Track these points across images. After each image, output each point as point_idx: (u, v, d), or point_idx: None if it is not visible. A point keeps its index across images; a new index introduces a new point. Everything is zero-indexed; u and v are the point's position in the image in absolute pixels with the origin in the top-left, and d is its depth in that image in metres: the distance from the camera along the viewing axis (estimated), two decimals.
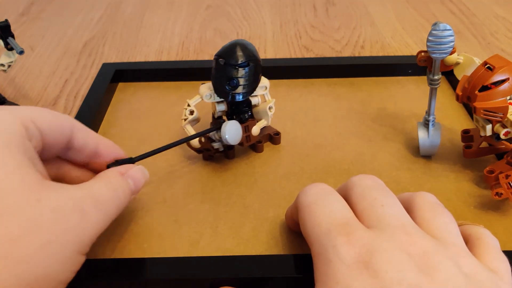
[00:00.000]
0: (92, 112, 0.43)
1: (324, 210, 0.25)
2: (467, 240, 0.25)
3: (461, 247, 0.23)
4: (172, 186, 0.37)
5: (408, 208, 0.26)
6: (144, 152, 0.32)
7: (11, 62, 0.46)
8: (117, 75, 0.50)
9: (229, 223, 0.33)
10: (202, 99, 0.36)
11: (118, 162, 0.30)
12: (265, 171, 0.38)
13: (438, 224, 0.24)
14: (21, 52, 0.43)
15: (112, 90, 0.49)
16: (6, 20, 0.44)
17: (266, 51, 0.60)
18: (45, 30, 0.68)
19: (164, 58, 0.59)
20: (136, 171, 0.30)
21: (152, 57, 0.59)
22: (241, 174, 0.38)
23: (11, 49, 0.44)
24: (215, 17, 0.70)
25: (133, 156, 0.32)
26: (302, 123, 0.43)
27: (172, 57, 0.59)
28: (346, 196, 0.27)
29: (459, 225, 0.26)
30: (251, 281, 0.27)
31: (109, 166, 0.30)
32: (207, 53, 0.60)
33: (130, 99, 0.48)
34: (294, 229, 0.31)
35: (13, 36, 0.44)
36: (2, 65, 0.45)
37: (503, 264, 0.24)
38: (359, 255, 0.22)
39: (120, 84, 0.51)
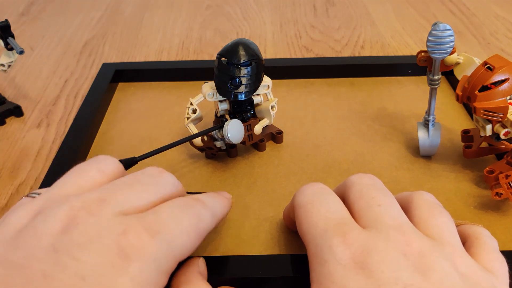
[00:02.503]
0: (92, 112, 0.43)
1: (320, 210, 0.25)
2: (465, 240, 0.25)
3: (457, 247, 0.23)
4: None
5: (406, 207, 0.26)
6: (144, 152, 0.32)
7: (11, 62, 0.46)
8: (117, 75, 0.50)
9: (229, 223, 0.33)
10: (205, 98, 0.37)
11: (121, 162, 0.30)
12: (265, 171, 0.38)
13: (435, 223, 0.24)
14: (21, 52, 0.43)
15: (112, 90, 0.49)
16: (6, 20, 0.44)
17: (266, 51, 0.60)
18: (45, 30, 0.68)
19: (164, 58, 0.59)
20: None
21: (152, 57, 0.59)
22: (241, 174, 0.38)
23: (11, 49, 0.44)
24: (215, 17, 0.70)
25: (136, 156, 0.32)
26: (302, 123, 0.43)
27: (172, 57, 0.59)
28: (344, 194, 0.27)
29: (458, 225, 0.26)
30: (250, 281, 0.27)
31: None
32: (207, 53, 0.60)
33: (130, 99, 0.48)
34: (292, 228, 0.31)
35: (13, 36, 0.44)
36: (2, 65, 0.45)
37: (501, 264, 0.24)
38: (354, 255, 0.22)
39: (120, 84, 0.51)
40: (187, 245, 0.22)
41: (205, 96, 0.36)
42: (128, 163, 0.31)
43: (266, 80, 0.37)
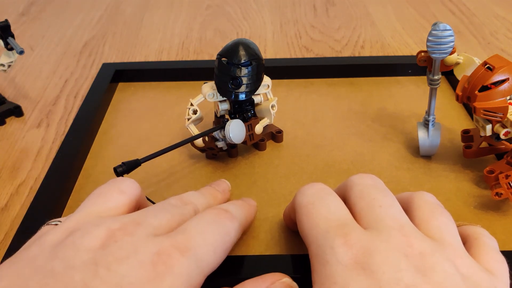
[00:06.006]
0: (92, 112, 0.43)
1: (321, 210, 0.25)
2: (465, 241, 0.25)
3: (458, 248, 0.23)
4: (173, 187, 0.37)
5: (407, 207, 0.26)
6: (144, 152, 0.32)
7: (11, 62, 0.46)
8: (117, 75, 0.50)
9: None
10: (205, 98, 0.37)
11: (124, 164, 0.30)
12: (265, 171, 0.38)
13: (436, 224, 0.24)
14: (21, 52, 0.43)
15: (112, 90, 0.49)
16: (6, 20, 0.44)
17: (266, 51, 0.60)
18: (45, 30, 0.68)
19: (164, 58, 0.59)
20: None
21: (152, 57, 0.59)
22: (241, 174, 0.38)
23: (11, 49, 0.44)
24: (215, 17, 0.70)
25: (138, 157, 0.32)
26: (302, 123, 0.43)
27: (172, 57, 0.59)
28: (345, 195, 0.27)
29: (458, 226, 0.26)
30: None
31: (115, 168, 0.30)
32: (207, 53, 0.60)
33: (130, 99, 0.48)
34: (292, 228, 0.31)
35: (13, 36, 0.44)
36: (2, 65, 0.45)
37: (501, 264, 0.24)
38: (356, 256, 0.22)
39: (120, 84, 0.51)
40: (213, 261, 0.23)
41: (205, 96, 0.36)
42: (132, 165, 0.31)
43: (266, 79, 0.37)
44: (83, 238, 0.21)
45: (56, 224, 0.25)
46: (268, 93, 0.38)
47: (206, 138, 0.36)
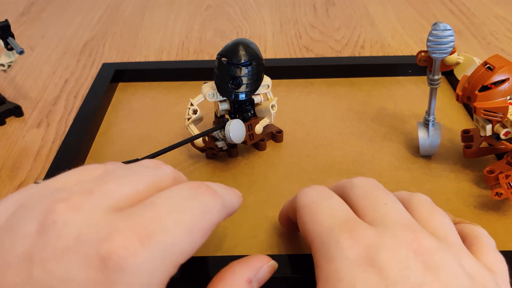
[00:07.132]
0: (92, 112, 0.43)
1: (325, 208, 0.25)
2: (464, 239, 0.25)
3: (461, 247, 0.23)
4: None
5: (406, 207, 0.26)
6: (144, 152, 0.32)
7: (11, 62, 0.46)
8: (117, 75, 0.50)
9: (228, 223, 0.33)
10: (205, 98, 0.37)
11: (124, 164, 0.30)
12: (265, 171, 0.38)
13: (437, 223, 0.24)
14: (21, 52, 0.43)
15: (112, 90, 0.49)
16: (6, 20, 0.44)
17: (266, 51, 0.60)
18: (45, 30, 0.68)
19: (164, 58, 0.59)
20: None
21: (152, 57, 0.59)
22: (241, 174, 0.38)
23: (11, 49, 0.44)
24: (215, 17, 0.70)
25: (138, 157, 0.32)
26: (302, 123, 0.43)
27: (172, 57, 0.59)
28: (345, 196, 0.26)
29: (455, 223, 0.26)
30: None
31: None
32: (207, 53, 0.60)
33: (130, 99, 0.48)
34: (289, 229, 0.31)
35: (13, 36, 0.44)
36: (2, 65, 0.45)
37: (500, 263, 0.24)
38: (363, 252, 0.21)
39: (120, 84, 0.51)
40: (188, 246, 0.19)
41: (205, 96, 0.36)
42: None
43: (266, 79, 0.37)
44: (21, 220, 0.17)
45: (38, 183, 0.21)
46: (268, 93, 0.38)
47: (206, 138, 0.36)
